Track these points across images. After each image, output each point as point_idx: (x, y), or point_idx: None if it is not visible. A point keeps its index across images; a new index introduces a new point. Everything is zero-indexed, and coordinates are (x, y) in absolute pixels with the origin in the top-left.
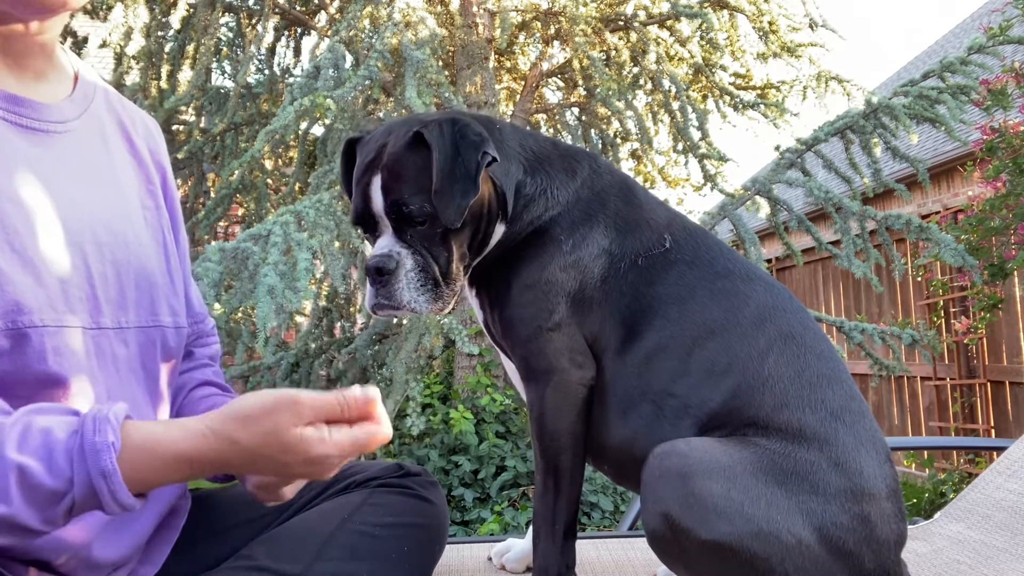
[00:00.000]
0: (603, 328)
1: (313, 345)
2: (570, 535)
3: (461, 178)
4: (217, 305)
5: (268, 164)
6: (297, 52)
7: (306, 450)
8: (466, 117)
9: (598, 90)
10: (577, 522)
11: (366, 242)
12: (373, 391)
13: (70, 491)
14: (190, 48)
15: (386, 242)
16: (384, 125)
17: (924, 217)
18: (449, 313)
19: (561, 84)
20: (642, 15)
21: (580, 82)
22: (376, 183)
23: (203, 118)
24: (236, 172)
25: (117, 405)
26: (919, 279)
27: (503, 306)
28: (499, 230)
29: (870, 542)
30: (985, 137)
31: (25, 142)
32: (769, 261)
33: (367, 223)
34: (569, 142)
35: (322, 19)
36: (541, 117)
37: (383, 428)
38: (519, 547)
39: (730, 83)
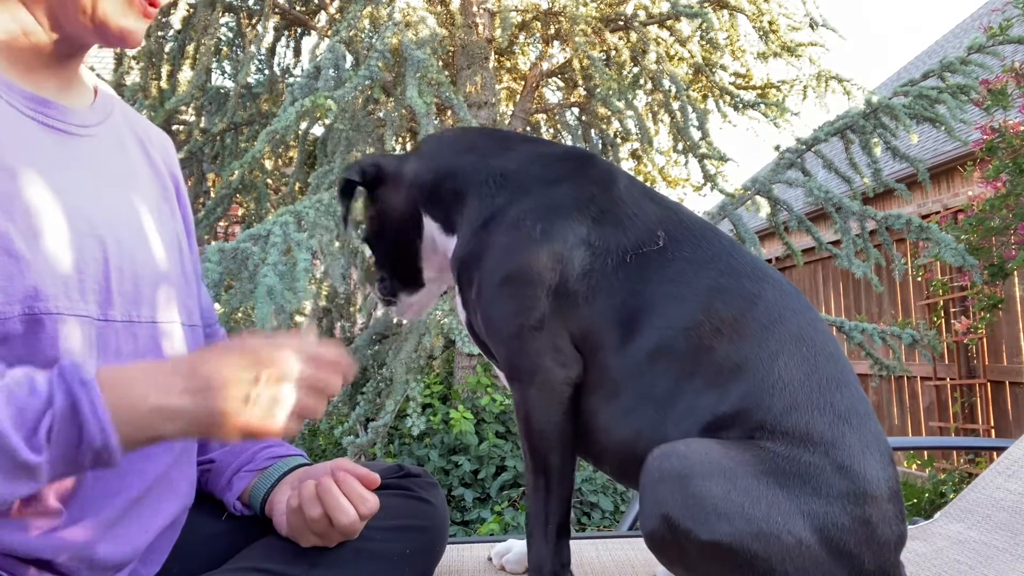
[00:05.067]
0: (594, 325)
1: None
2: (564, 534)
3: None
4: (217, 305)
5: (268, 164)
6: (297, 52)
7: (262, 345)
8: (370, 156)
9: (598, 90)
10: (570, 520)
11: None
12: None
13: (50, 408)
14: (190, 48)
15: None
16: None
17: (924, 217)
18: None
19: (561, 84)
20: (642, 15)
21: (580, 82)
22: None
23: (203, 118)
24: (236, 172)
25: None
26: (919, 279)
27: (484, 304)
28: (432, 227)
29: (871, 543)
30: (985, 137)
31: (51, 141)
32: (769, 261)
33: None
34: (568, 141)
35: (322, 19)
36: (541, 117)
37: (336, 371)
38: (519, 548)
39: (730, 83)
